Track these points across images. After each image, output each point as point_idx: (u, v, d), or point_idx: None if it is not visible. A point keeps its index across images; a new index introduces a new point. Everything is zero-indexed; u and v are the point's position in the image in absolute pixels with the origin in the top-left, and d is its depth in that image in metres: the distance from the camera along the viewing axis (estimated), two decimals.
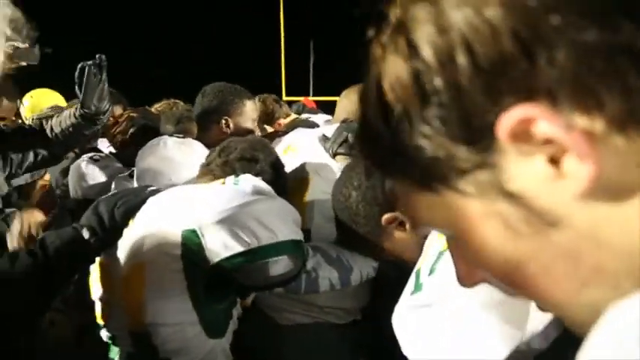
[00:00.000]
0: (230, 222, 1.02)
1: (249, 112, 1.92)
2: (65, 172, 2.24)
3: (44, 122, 1.94)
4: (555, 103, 0.28)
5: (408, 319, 0.72)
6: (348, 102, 1.74)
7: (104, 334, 1.17)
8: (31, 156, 1.91)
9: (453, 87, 0.30)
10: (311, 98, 5.55)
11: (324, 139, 1.49)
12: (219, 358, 1.13)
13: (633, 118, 0.28)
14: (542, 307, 0.36)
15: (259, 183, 1.16)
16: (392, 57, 0.33)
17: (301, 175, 1.50)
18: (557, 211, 0.30)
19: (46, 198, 2.26)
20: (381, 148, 0.35)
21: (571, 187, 0.29)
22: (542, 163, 0.29)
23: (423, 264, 0.79)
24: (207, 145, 1.73)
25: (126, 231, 1.14)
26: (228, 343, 1.17)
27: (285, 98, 6.65)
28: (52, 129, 1.91)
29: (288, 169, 1.50)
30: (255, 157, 1.33)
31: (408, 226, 0.98)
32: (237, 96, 1.91)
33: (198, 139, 1.86)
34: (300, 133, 1.77)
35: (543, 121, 0.28)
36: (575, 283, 0.31)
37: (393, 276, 1.05)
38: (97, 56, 1.79)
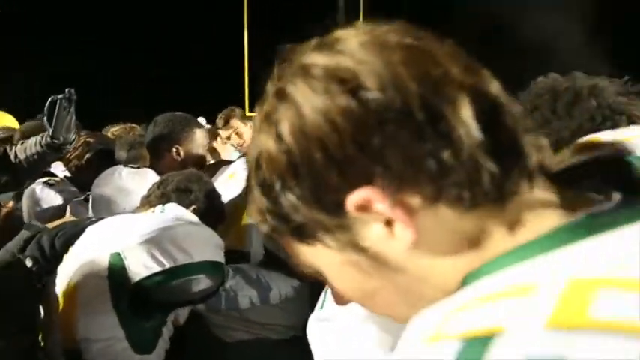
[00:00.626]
0: (149, 245, 1.16)
1: (199, 140, 2.03)
2: (19, 197, 2.27)
3: (8, 149, 1.99)
4: (385, 187, 0.38)
5: (314, 331, 0.84)
6: None
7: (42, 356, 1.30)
8: None
9: (313, 173, 0.39)
10: None
11: None
12: None
13: (442, 196, 0.39)
14: (394, 319, 0.49)
15: (183, 211, 1.31)
16: (266, 136, 0.42)
17: (241, 200, 1.62)
18: (394, 260, 0.41)
19: (11, 224, 2.27)
20: (261, 209, 0.44)
21: (401, 244, 0.40)
22: (380, 227, 0.40)
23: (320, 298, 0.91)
24: (160, 173, 1.84)
25: (65, 257, 1.28)
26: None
27: (248, 114, 6.69)
28: (16, 155, 1.96)
29: (231, 194, 1.64)
30: (189, 188, 1.48)
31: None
32: (187, 125, 2.02)
33: (151, 166, 1.96)
34: (243, 162, 1.88)
35: (377, 202, 0.38)
36: (407, 305, 0.44)
37: None
38: (66, 90, 1.87)
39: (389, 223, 0.40)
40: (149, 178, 1.77)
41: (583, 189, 0.46)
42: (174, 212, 1.30)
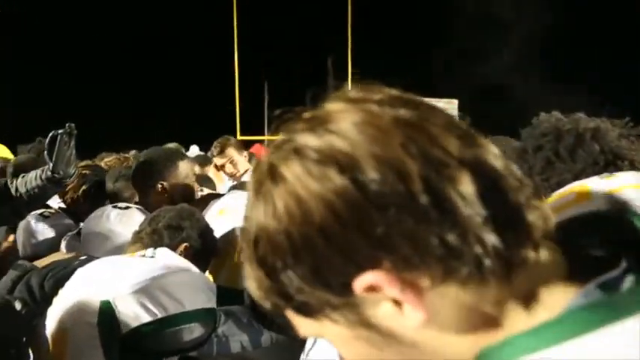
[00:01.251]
0: (140, 294, 1.15)
1: (183, 172, 2.04)
2: (13, 230, 2.28)
3: (9, 182, 2.01)
4: (392, 270, 0.38)
5: None
6: None
7: None
8: None
9: (315, 256, 0.39)
10: (266, 137, 5.71)
11: None
12: None
13: (450, 276, 0.39)
14: None
15: (173, 257, 1.30)
16: (263, 213, 0.41)
17: (232, 237, 1.63)
18: (405, 336, 0.42)
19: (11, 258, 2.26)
20: (262, 286, 0.43)
21: (411, 322, 0.40)
22: (389, 306, 0.40)
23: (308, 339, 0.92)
24: (148, 208, 1.86)
25: (54, 300, 1.27)
26: None
27: (239, 137, 6.75)
28: (17, 189, 1.97)
29: (222, 230, 1.63)
30: (181, 225, 1.48)
31: None
32: (169, 159, 2.03)
33: (140, 202, 1.99)
34: (234, 195, 1.90)
35: (384, 285, 0.39)
36: None
37: None
38: (67, 125, 1.89)
39: (398, 302, 0.40)
40: (135, 218, 1.79)
41: (584, 248, 0.46)
42: (165, 258, 1.29)
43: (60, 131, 1.89)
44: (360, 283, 0.39)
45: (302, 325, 0.45)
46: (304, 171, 0.40)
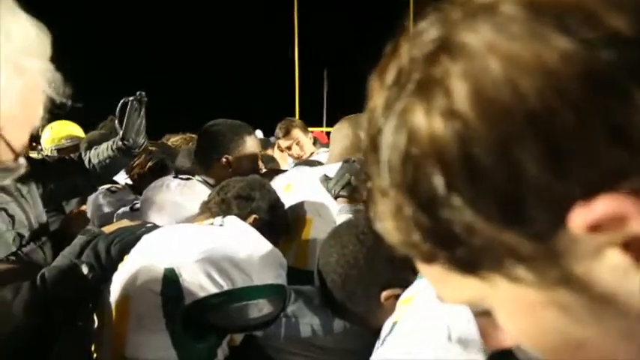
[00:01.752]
0: (207, 264, 1.07)
1: (249, 147, 1.94)
2: (83, 202, 2.35)
3: (82, 154, 2.05)
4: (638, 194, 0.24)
5: None
6: (341, 137, 1.71)
7: None
8: (68, 185, 1.99)
9: (513, 172, 0.25)
10: (325, 129, 5.63)
11: (326, 179, 1.50)
12: None
13: None
14: None
15: (243, 226, 1.20)
16: (423, 114, 0.28)
17: (301, 214, 1.52)
18: (628, 299, 0.27)
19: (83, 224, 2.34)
20: (406, 224, 0.30)
21: None
22: (617, 254, 0.26)
23: (384, 327, 0.84)
24: (212, 184, 1.80)
25: (120, 266, 1.22)
26: None
27: None
28: (89, 160, 2.01)
29: (286, 207, 1.54)
30: (251, 195, 1.39)
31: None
32: (236, 133, 1.94)
33: (204, 176, 1.94)
34: (300, 171, 1.80)
35: (630, 216, 0.25)
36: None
37: None
38: (137, 93, 1.90)
39: (628, 247, 0.26)
40: (197, 190, 1.72)
41: None
42: (234, 226, 1.20)
43: (130, 98, 1.88)
44: (590, 213, 0.25)
45: (457, 287, 0.32)
46: (504, 34, 0.26)
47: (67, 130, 3.37)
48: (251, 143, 1.96)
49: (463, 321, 0.71)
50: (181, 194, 1.70)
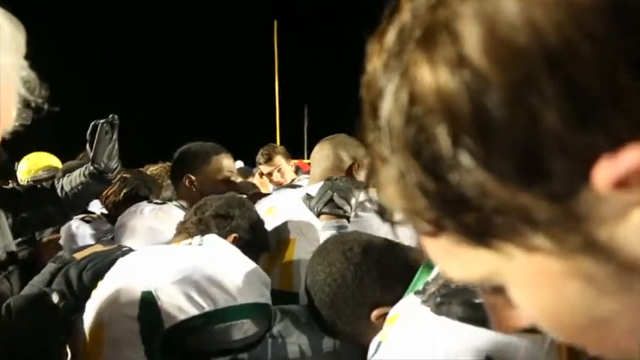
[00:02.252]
0: (185, 284, 1.01)
1: (216, 167, 1.86)
2: (57, 232, 2.27)
3: (55, 182, 1.99)
4: None
5: None
6: (322, 157, 1.70)
7: None
8: (41, 214, 1.93)
9: (530, 115, 0.23)
10: (306, 161, 5.68)
11: (308, 197, 1.48)
12: None
13: None
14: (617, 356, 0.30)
15: (223, 244, 1.15)
16: (429, 66, 0.25)
17: (284, 235, 1.48)
18: None
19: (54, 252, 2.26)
20: (410, 190, 0.27)
21: None
22: None
23: (370, 346, 0.82)
24: (187, 207, 1.75)
25: (93, 292, 1.15)
26: None
27: None
28: (62, 188, 1.95)
29: (269, 230, 1.49)
30: (230, 213, 1.33)
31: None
32: (200, 152, 1.89)
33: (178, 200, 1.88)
34: (282, 193, 1.77)
35: None
36: None
37: None
38: (110, 116, 1.85)
39: None
40: (172, 214, 1.67)
41: None
42: (213, 245, 1.14)
43: (101, 121, 1.83)
44: (618, 166, 0.22)
45: (464, 262, 0.29)
46: None
47: (44, 161, 3.29)
48: (219, 163, 1.88)
49: (449, 340, 0.69)
50: (156, 219, 1.65)
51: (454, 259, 0.30)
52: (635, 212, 0.23)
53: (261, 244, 1.38)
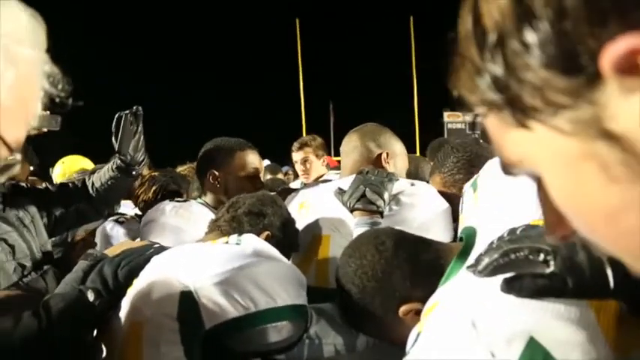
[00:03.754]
0: (227, 285, 1.00)
1: (240, 163, 1.84)
2: (90, 231, 2.31)
3: (86, 179, 1.99)
4: None
5: None
6: (350, 149, 1.66)
7: None
8: (73, 213, 1.94)
9: (556, 9, 0.28)
10: (334, 158, 5.65)
11: (340, 192, 1.45)
12: None
13: None
14: (633, 265, 0.33)
15: (262, 243, 1.14)
16: None
17: (318, 231, 1.47)
18: None
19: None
20: (474, 79, 0.33)
21: None
22: None
23: (409, 339, 0.81)
24: (212, 204, 1.76)
25: (129, 290, 1.14)
26: None
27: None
28: (92, 184, 1.95)
29: (302, 225, 1.48)
30: (262, 211, 1.33)
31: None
32: (225, 148, 1.86)
33: (202, 198, 1.89)
34: (313, 188, 1.73)
35: None
36: None
37: None
38: (134, 107, 1.84)
39: None
40: (194, 210, 1.67)
41: None
42: (252, 244, 1.12)
43: (126, 112, 1.82)
44: (615, 50, 0.26)
45: (510, 141, 0.34)
46: None
47: (78, 164, 3.33)
48: (243, 159, 1.86)
49: (494, 306, 0.69)
50: (177, 216, 1.65)
51: (503, 138, 0.35)
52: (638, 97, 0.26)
53: (292, 242, 1.37)
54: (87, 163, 3.43)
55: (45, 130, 2.18)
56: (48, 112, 2.14)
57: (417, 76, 12.46)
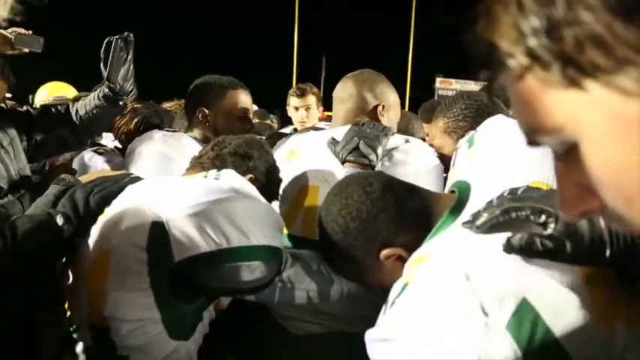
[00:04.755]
0: (200, 218, 0.96)
1: (231, 102, 1.77)
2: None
3: (70, 105, 1.91)
4: None
5: (371, 349, 0.74)
6: (345, 97, 1.58)
7: (70, 325, 1.12)
8: (54, 139, 1.88)
9: None
10: (326, 113, 5.62)
11: (333, 142, 1.40)
12: None
13: None
14: None
15: (241, 181, 1.09)
16: None
17: (307, 182, 1.42)
18: None
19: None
20: (519, 23, 0.29)
21: None
22: None
23: (393, 289, 0.79)
24: (201, 140, 1.69)
25: (100, 218, 1.10)
26: (195, 346, 1.10)
27: None
28: (77, 112, 1.88)
29: (291, 174, 1.44)
30: (248, 153, 1.28)
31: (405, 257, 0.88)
32: (216, 85, 1.78)
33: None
34: (305, 136, 1.65)
35: None
36: None
37: None
38: (124, 33, 1.75)
39: None
40: (184, 142, 1.61)
41: None
42: (231, 181, 1.08)
43: (116, 37, 1.73)
44: None
45: (546, 107, 0.30)
46: None
47: (62, 91, 3.25)
48: (234, 99, 1.79)
49: (490, 262, 0.68)
50: (166, 144, 1.59)
51: (536, 104, 0.31)
52: None
53: (274, 190, 1.33)
54: (71, 91, 3.32)
55: (26, 51, 2.09)
56: (30, 32, 2.04)
57: (414, 40, 12.26)
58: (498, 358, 0.61)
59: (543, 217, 0.66)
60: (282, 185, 1.42)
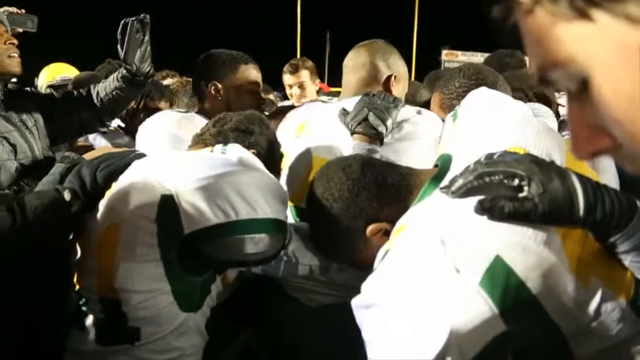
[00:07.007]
0: (209, 191, 0.97)
1: (243, 77, 1.77)
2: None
3: (92, 88, 1.96)
4: None
5: (357, 315, 0.76)
6: (357, 66, 1.56)
7: (79, 299, 1.14)
8: (77, 121, 1.92)
9: None
10: (332, 89, 5.60)
11: (344, 112, 1.39)
12: (190, 332, 1.08)
13: None
14: None
15: (247, 154, 1.11)
16: None
17: (319, 155, 1.41)
18: None
19: None
20: None
21: None
22: None
23: (377, 256, 0.82)
24: (209, 116, 1.68)
25: (107, 193, 1.11)
26: (203, 319, 1.12)
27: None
28: (97, 94, 1.93)
29: (301, 148, 1.43)
30: (249, 129, 1.29)
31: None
32: (227, 60, 1.78)
33: (200, 111, 1.81)
34: (315, 109, 1.62)
35: None
36: None
37: None
38: (141, 15, 1.76)
39: None
40: (196, 122, 1.61)
41: None
42: (238, 154, 1.09)
43: (132, 18, 1.75)
44: None
45: (555, 41, 0.31)
46: None
47: (63, 72, 3.28)
48: (246, 73, 1.78)
49: (457, 233, 0.70)
50: (179, 126, 1.59)
51: (545, 39, 0.31)
52: None
53: (275, 165, 1.34)
54: (72, 71, 3.32)
55: (20, 30, 2.08)
56: (23, 11, 2.03)
57: (419, 11, 12.04)
58: (475, 316, 0.63)
59: (517, 181, 0.68)
60: (294, 158, 1.42)
